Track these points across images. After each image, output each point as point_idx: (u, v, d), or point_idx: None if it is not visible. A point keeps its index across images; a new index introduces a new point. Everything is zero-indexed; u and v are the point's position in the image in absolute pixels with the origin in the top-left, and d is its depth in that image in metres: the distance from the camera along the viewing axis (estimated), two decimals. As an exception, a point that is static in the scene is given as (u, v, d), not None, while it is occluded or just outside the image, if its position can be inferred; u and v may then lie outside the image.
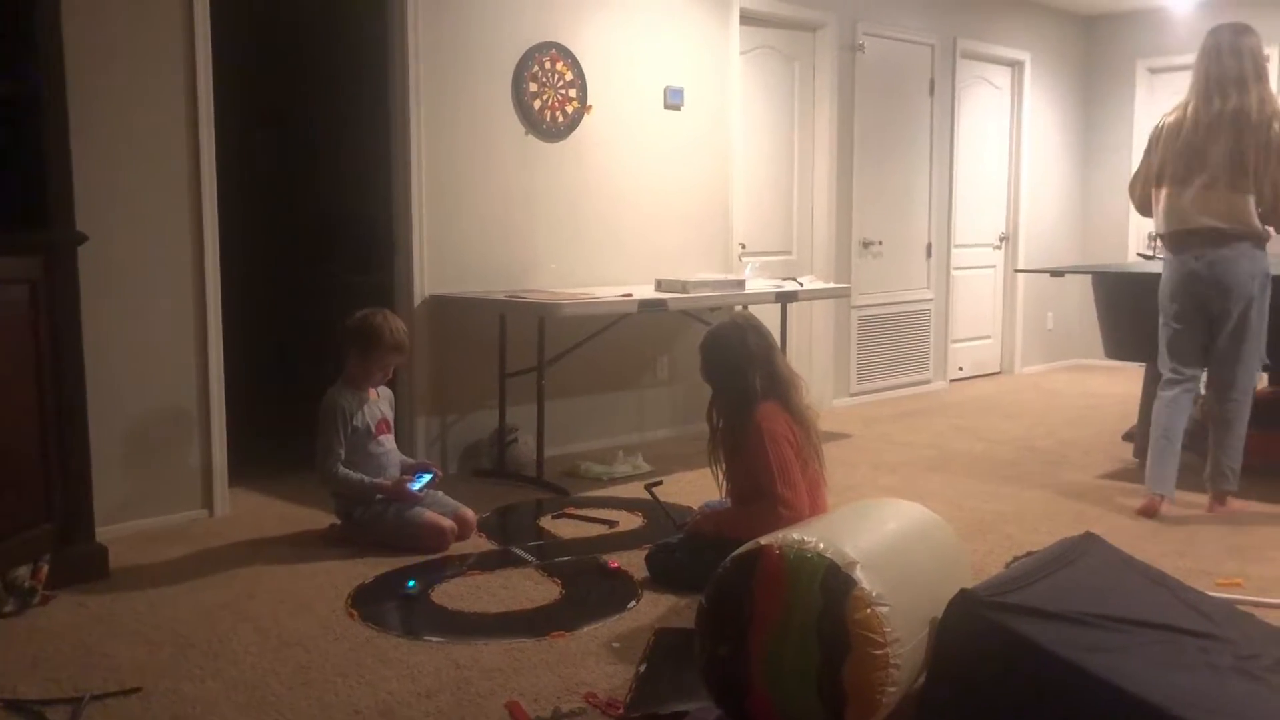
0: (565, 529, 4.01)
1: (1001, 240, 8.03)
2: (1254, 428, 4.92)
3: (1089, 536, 2.70)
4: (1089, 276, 5.14)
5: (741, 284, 5.16)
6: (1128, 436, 5.21)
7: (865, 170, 6.74)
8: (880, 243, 6.92)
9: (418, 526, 3.68)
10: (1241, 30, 4.01)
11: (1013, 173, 8.01)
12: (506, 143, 5.00)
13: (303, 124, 5.79)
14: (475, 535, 3.85)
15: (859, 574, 2.12)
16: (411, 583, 3.29)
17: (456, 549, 3.70)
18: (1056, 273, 5.69)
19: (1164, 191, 4.10)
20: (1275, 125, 3.88)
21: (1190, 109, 4.04)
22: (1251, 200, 3.92)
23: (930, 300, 7.37)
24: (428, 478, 3.80)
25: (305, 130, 5.79)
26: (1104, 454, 5.24)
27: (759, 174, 6.26)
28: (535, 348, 4.53)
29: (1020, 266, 7.89)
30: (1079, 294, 7.65)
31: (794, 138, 6.45)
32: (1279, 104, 3.94)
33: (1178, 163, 4.05)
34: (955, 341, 7.66)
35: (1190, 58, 4.19)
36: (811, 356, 6.60)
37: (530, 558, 3.60)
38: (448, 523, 3.72)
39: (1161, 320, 4.20)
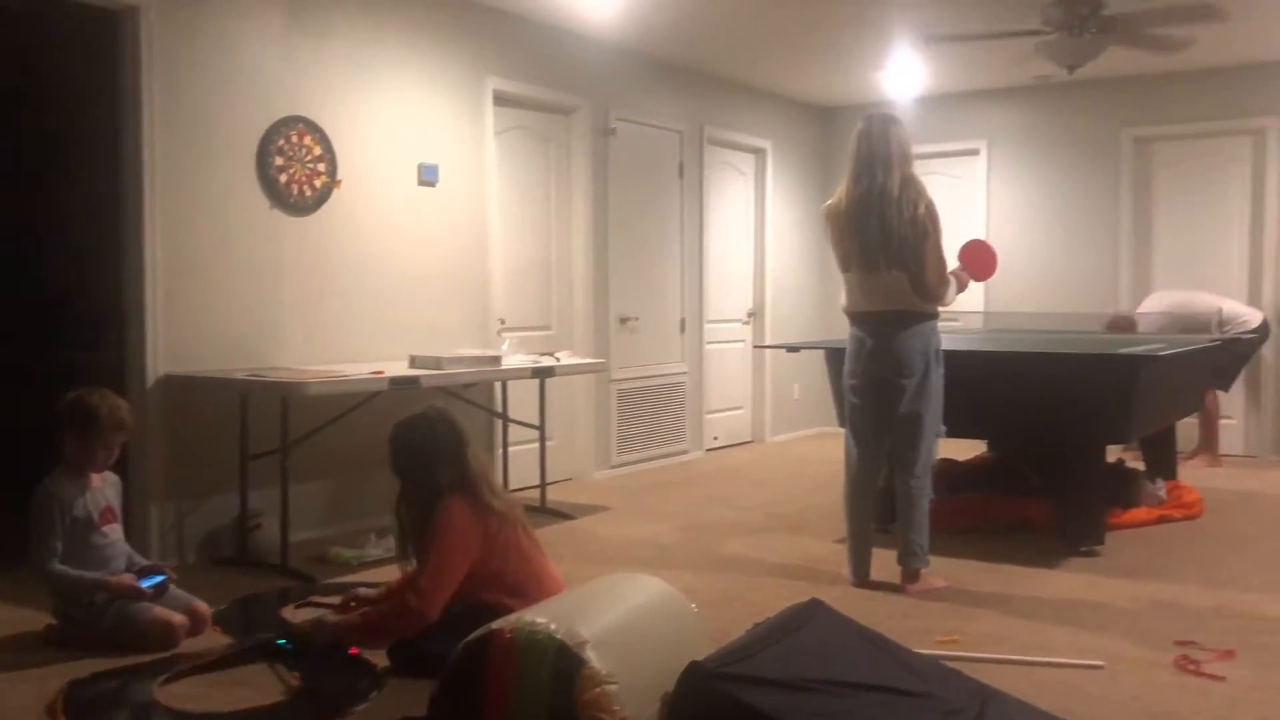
0: (309, 619, 3.85)
1: (750, 316, 8.42)
2: (974, 491, 5.35)
3: (814, 603, 2.84)
4: (822, 351, 5.45)
5: (498, 360, 5.18)
6: (864, 502, 5.52)
7: (621, 248, 6.94)
8: (637, 318, 7.12)
9: (144, 623, 3.45)
10: (890, 119, 4.19)
11: (758, 252, 8.44)
12: (251, 216, 4.86)
13: (24, 194, 5.43)
14: (210, 629, 3.64)
15: (589, 653, 2.15)
16: (133, 682, 3.07)
17: (189, 645, 3.49)
18: (793, 348, 6.02)
19: (843, 277, 4.26)
20: (919, 207, 4.01)
21: (845, 191, 4.17)
22: (906, 278, 4.04)
23: (685, 373, 7.61)
24: (159, 579, 3.57)
25: (25, 202, 5.43)
26: (842, 519, 5.49)
27: (518, 250, 6.34)
28: (280, 428, 4.38)
29: (768, 340, 8.28)
30: (820, 366, 8.09)
31: (551, 216, 6.58)
32: (921, 186, 4.09)
33: (843, 245, 4.18)
34: (710, 412, 7.93)
35: (916, 148, 4.40)
36: (573, 429, 6.68)
37: (268, 650, 3.43)
38: (178, 618, 3.50)
39: (847, 398, 4.33)
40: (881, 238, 4.06)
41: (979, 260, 4.42)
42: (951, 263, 4.25)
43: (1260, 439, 7.48)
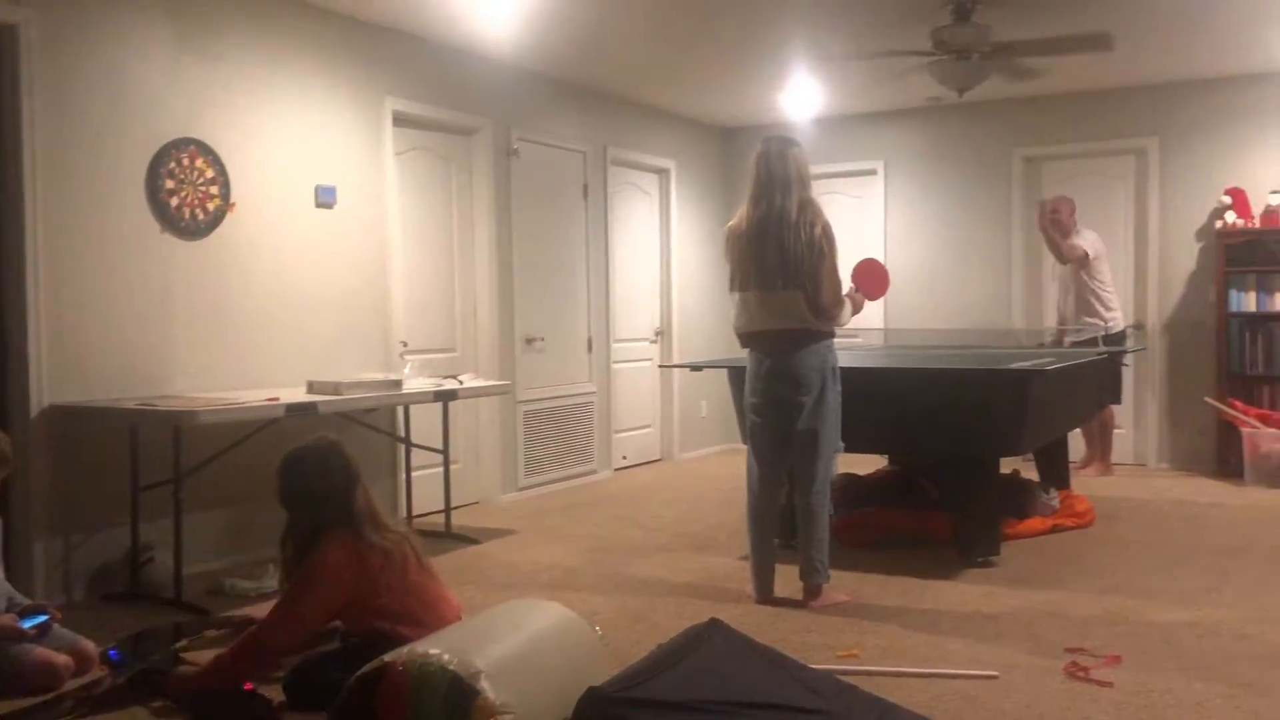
0: (205, 653, 3.74)
1: (657, 335, 8.46)
2: (875, 505, 5.44)
3: (713, 623, 2.86)
4: (726, 369, 5.50)
5: (399, 383, 5.11)
6: (769, 518, 5.57)
7: (526, 268, 6.92)
8: (543, 338, 7.10)
9: (26, 665, 3.32)
10: (789, 141, 4.27)
11: (664, 271, 8.50)
12: (141, 241, 4.74)
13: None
14: (97, 669, 3.51)
15: (483, 684, 2.13)
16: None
17: (74, 685, 3.36)
18: (696, 367, 6.07)
19: (735, 295, 4.34)
20: (816, 228, 4.09)
21: (745, 213, 4.24)
22: (802, 298, 4.10)
23: (593, 393, 7.61)
24: (41, 619, 3.44)
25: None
26: (747, 536, 5.57)
27: (420, 272, 6.28)
28: (173, 458, 4.26)
29: (675, 359, 8.33)
30: (726, 384, 8.16)
31: (454, 237, 6.53)
32: (818, 208, 4.17)
33: (742, 266, 4.24)
34: (618, 431, 7.94)
35: (815, 168, 4.46)
36: (478, 452, 6.63)
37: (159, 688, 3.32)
38: (61, 658, 3.38)
39: (748, 416, 4.38)
40: (779, 258, 4.12)
41: (871, 280, 4.52)
42: (846, 283, 4.33)
43: (1148, 448, 7.75)
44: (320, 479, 3.14)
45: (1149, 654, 3.61)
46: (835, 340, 4.29)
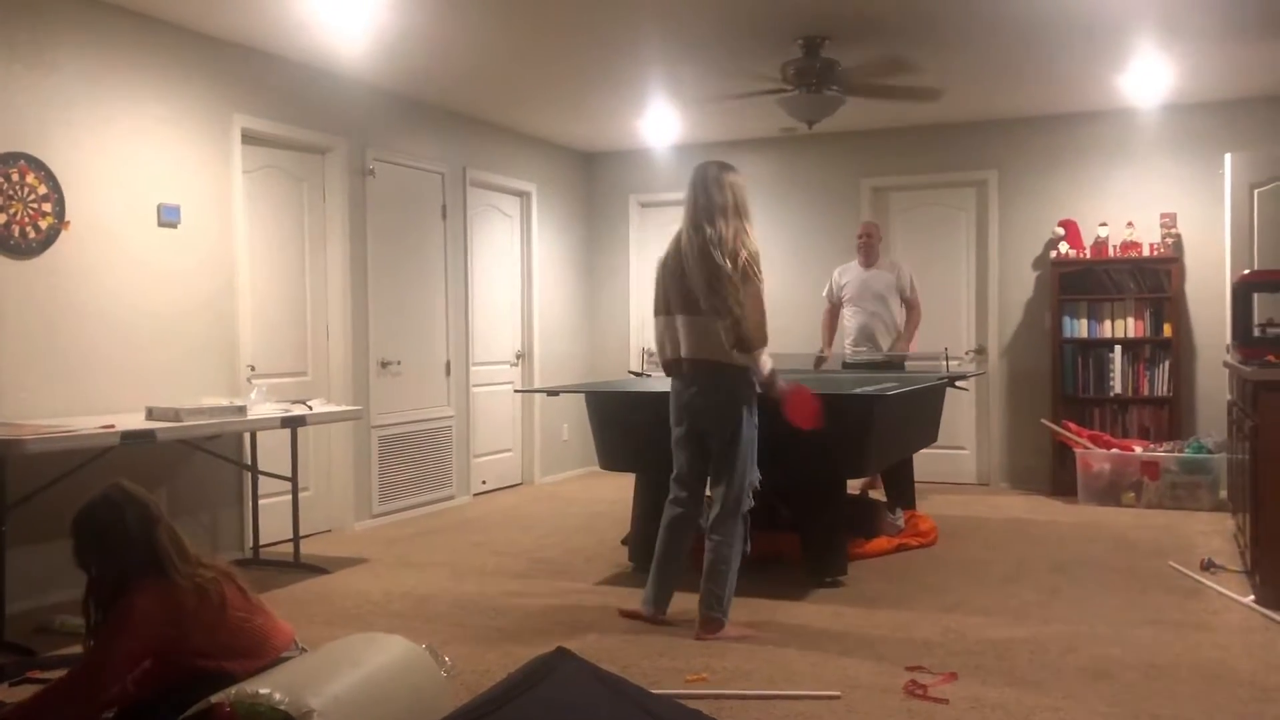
0: (27, 696, 3.54)
1: (518, 358, 8.42)
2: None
3: (560, 652, 2.85)
4: (584, 394, 5.52)
5: (243, 409, 4.96)
6: (625, 541, 5.60)
7: (381, 291, 6.81)
8: (399, 362, 6.99)
9: None
10: (725, 167, 4.27)
11: (525, 294, 8.48)
12: (-37, 260, 4.49)
13: None
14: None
15: (316, 723, 2.08)
16: None
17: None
18: (553, 392, 6.05)
19: (660, 319, 4.34)
20: (742, 255, 4.08)
21: (681, 238, 4.25)
22: (726, 326, 4.06)
23: (451, 417, 7.52)
24: None
25: None
26: (605, 560, 5.59)
27: (270, 294, 6.11)
28: (-4, 489, 4.05)
29: (536, 382, 8.31)
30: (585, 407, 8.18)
31: (306, 258, 6.38)
32: (749, 238, 4.15)
33: (669, 292, 4.25)
34: (477, 456, 7.86)
35: (674, 194, 4.49)
36: (330, 479, 6.47)
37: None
38: None
39: (673, 445, 4.40)
40: (704, 284, 4.11)
41: (802, 412, 4.27)
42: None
43: (990, 467, 8.08)
44: (116, 530, 2.91)
45: (984, 670, 3.75)
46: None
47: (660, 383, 4.47)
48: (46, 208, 4.80)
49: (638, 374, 6.98)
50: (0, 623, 4.13)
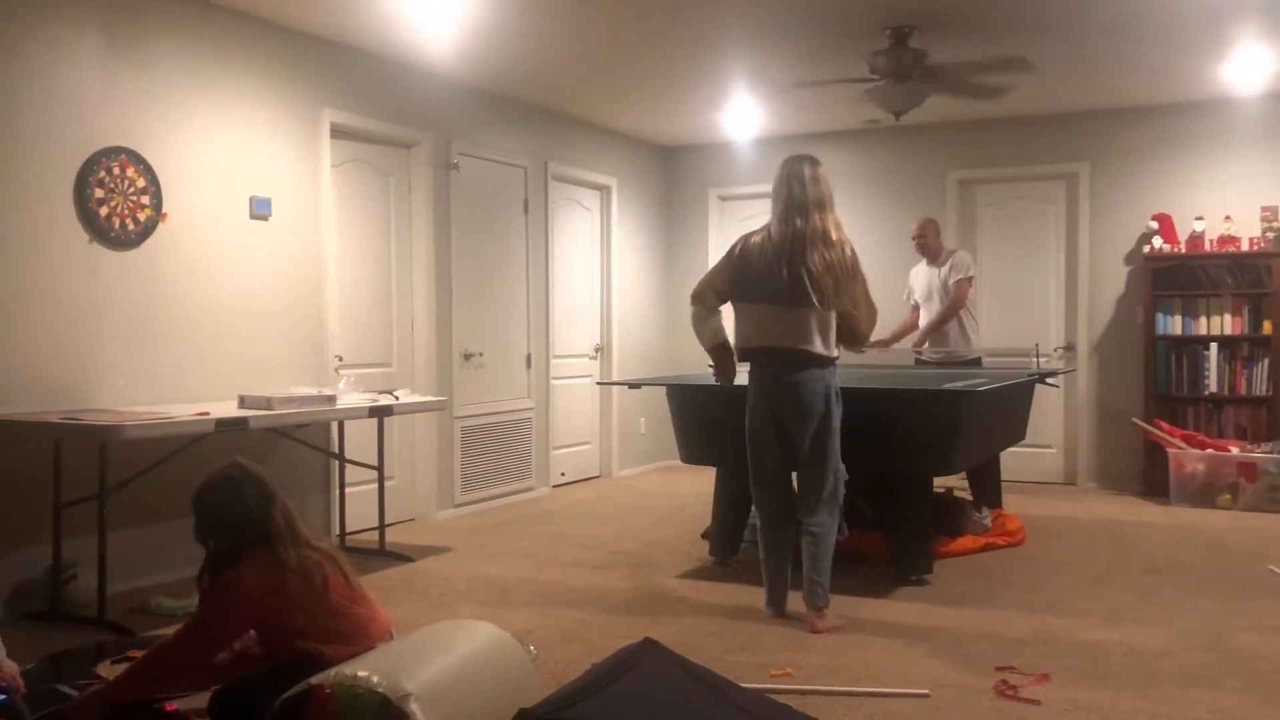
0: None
1: (597, 351, 8.45)
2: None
3: (647, 643, 2.85)
4: (665, 387, 5.51)
5: (333, 399, 5.04)
6: (705, 534, 5.59)
7: (465, 283, 6.88)
8: (481, 354, 7.05)
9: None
10: (815, 161, 4.30)
11: (604, 288, 8.50)
12: (68, 251, 4.63)
13: None
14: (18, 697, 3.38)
15: (412, 706, 2.10)
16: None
17: (-11, 709, 3.25)
18: (634, 384, 6.05)
19: (744, 309, 4.32)
20: (847, 249, 4.17)
21: (772, 231, 4.21)
22: (816, 320, 4.11)
23: (531, 409, 7.57)
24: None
25: None
26: (684, 554, 5.58)
27: (356, 286, 6.21)
28: (98, 473, 4.16)
29: (615, 375, 8.32)
30: (665, 401, 8.18)
31: (391, 250, 6.47)
32: (844, 230, 4.24)
33: (756, 283, 4.20)
34: (556, 448, 7.91)
35: (753, 188, 4.48)
36: (414, 469, 6.56)
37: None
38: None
39: (750, 438, 4.37)
40: (800, 276, 4.09)
41: None
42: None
43: (1077, 467, 7.90)
44: (235, 506, 3.01)
45: (1076, 671, 3.67)
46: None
47: (742, 377, 4.44)
48: (145, 200, 4.94)
49: (718, 368, 6.93)
50: (102, 602, 4.25)
